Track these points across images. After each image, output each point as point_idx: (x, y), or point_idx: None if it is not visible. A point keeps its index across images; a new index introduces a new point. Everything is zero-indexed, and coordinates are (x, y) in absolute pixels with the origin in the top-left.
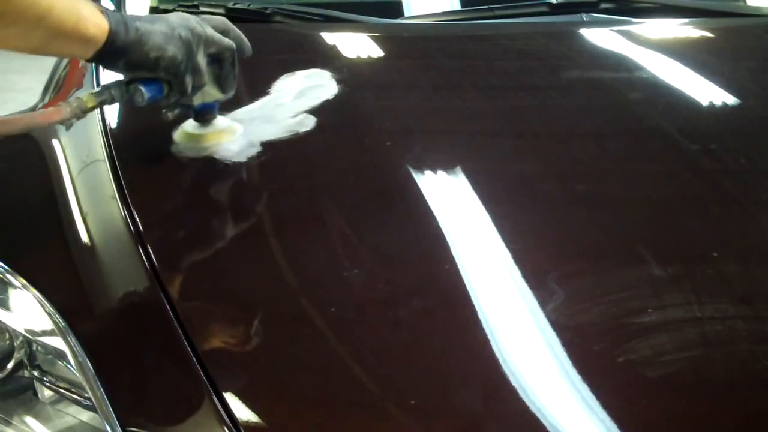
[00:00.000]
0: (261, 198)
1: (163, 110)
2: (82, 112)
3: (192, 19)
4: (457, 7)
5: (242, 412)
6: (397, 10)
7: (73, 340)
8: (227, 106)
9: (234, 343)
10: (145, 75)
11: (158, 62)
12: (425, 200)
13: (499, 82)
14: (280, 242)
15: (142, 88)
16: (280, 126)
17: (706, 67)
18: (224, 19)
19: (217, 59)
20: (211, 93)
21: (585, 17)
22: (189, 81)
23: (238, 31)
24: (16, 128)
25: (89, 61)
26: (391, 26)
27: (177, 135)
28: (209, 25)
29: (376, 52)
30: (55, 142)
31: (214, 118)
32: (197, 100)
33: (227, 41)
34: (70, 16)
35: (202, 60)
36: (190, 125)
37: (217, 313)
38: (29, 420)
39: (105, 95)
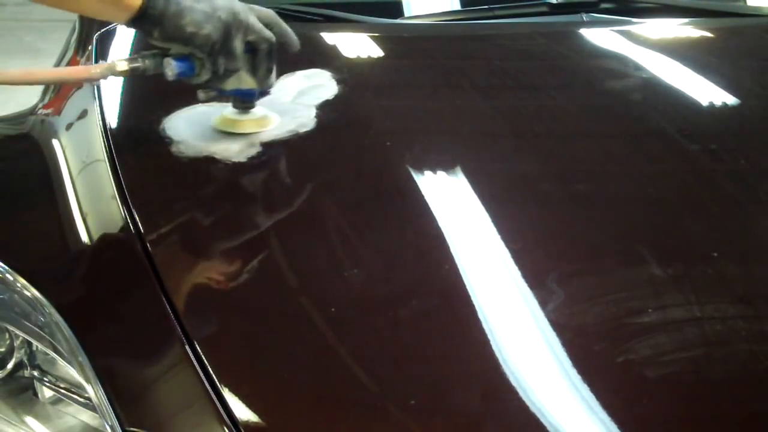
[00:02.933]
0: (260, 198)
1: (198, 91)
2: (112, 75)
3: (238, 5)
4: (457, 7)
5: (242, 412)
6: (397, 10)
7: (73, 340)
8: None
9: (234, 343)
10: (179, 49)
11: (192, 38)
12: (425, 200)
13: (499, 82)
14: (279, 242)
15: (174, 62)
16: (280, 126)
17: (706, 67)
18: (272, 12)
19: (254, 48)
20: (247, 81)
21: (585, 17)
22: (221, 63)
23: (286, 27)
24: (45, 80)
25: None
26: (391, 26)
27: (216, 119)
28: (254, 15)
29: (376, 52)
30: (55, 142)
31: (253, 106)
32: (232, 85)
33: (267, 33)
34: None
35: (238, 45)
36: (229, 111)
37: (217, 313)
38: (29, 420)
39: (137, 62)
